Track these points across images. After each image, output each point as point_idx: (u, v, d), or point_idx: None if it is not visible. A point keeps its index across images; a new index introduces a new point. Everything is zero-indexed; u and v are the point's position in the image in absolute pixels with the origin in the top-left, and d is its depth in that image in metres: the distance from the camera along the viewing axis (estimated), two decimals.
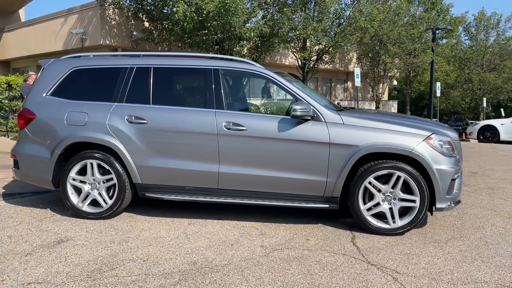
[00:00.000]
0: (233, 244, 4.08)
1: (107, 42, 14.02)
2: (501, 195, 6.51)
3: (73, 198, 4.80)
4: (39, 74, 5.16)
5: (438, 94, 24.02)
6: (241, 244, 4.09)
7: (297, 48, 16.85)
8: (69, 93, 4.92)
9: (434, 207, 4.41)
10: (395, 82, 32.01)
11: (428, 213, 4.56)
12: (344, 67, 25.69)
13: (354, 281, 3.31)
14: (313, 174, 4.46)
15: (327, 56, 17.60)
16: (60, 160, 4.79)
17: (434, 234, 4.50)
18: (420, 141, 4.34)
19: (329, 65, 19.74)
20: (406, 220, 4.38)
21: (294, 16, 12.35)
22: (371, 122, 4.50)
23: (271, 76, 4.75)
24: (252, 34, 11.40)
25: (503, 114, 27.20)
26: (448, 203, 4.40)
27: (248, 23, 11.44)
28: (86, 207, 4.79)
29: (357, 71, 16.30)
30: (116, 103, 4.76)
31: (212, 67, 4.77)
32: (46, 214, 5.00)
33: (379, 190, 4.40)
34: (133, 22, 14.54)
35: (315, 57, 17.20)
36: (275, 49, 14.09)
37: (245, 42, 11.57)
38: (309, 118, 4.43)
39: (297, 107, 4.35)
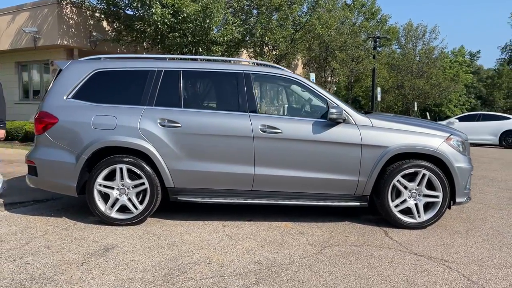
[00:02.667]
0: (282, 244, 4.19)
1: (65, 42, 13.29)
2: (479, 190, 7.18)
3: (100, 204, 4.62)
4: (56, 75, 4.89)
5: (379, 98, 25.56)
6: (289, 243, 4.21)
7: (255, 53, 17.12)
8: (93, 96, 4.73)
9: (452, 202, 4.82)
10: (334, 87, 33.46)
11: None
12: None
13: (415, 271, 3.57)
14: (345, 174, 4.69)
15: (284, 62, 18.08)
16: (85, 166, 4.59)
17: (452, 227, 4.92)
18: (442, 141, 4.74)
19: None
20: (430, 214, 4.75)
21: (266, 22, 12.55)
22: (396, 124, 4.83)
23: (300, 80, 4.94)
24: (225, 38, 11.47)
25: (428, 118, 29.57)
26: (466, 198, 4.84)
27: (221, 27, 11.47)
28: (114, 214, 4.64)
29: (312, 76, 16.97)
30: (145, 107, 4.67)
31: (243, 71, 4.84)
32: (66, 222, 4.76)
33: (405, 187, 4.74)
34: (91, 22, 13.95)
35: (272, 62, 17.61)
36: (239, 54, 14.23)
37: (218, 46, 11.60)
38: (341, 121, 4.67)
39: (334, 110, 4.57)
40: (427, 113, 34.20)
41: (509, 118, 20.79)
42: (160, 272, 3.43)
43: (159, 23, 10.47)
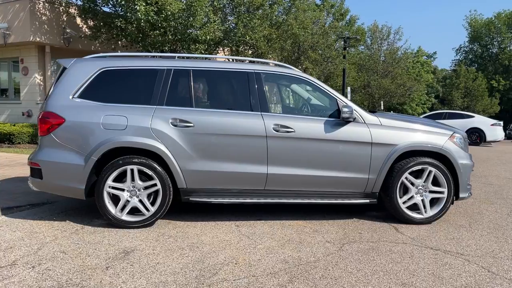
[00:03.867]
0: (301, 242, 4.22)
1: (37, 39, 12.75)
2: None
3: (111, 207, 4.49)
4: (59, 74, 4.71)
5: (349, 97, 26.08)
6: (308, 242, 4.24)
7: (231, 52, 17.07)
8: (100, 95, 4.59)
9: (455, 197, 5.00)
10: None
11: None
12: None
13: (437, 265, 3.69)
14: (356, 172, 4.78)
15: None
16: (95, 167, 4.45)
17: (455, 221, 5.11)
18: (446, 139, 4.92)
19: None
20: (436, 209, 4.91)
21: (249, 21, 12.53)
22: (403, 122, 4.97)
23: (311, 80, 4.98)
24: (208, 37, 11.35)
25: None
26: (468, 193, 5.04)
27: (202, 26, 11.33)
28: (125, 216, 4.52)
29: None
30: (156, 106, 4.57)
31: (254, 71, 4.84)
32: (73, 226, 4.59)
33: (412, 184, 4.88)
34: (65, 18, 13.47)
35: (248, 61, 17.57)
36: (218, 53, 14.13)
37: (199, 45, 11.46)
38: (352, 120, 4.75)
39: (346, 109, 4.64)
40: (391, 111, 35.21)
41: (473, 117, 21.83)
42: (191, 274, 3.38)
43: (142, 21, 10.24)
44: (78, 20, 13.66)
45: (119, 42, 12.60)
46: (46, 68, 13.74)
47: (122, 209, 4.51)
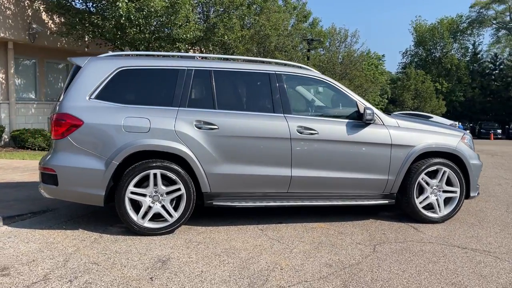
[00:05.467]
0: (333, 245, 4.21)
1: (1, 34, 11.94)
2: None
3: (132, 214, 4.27)
4: (72, 73, 4.41)
5: None
6: (339, 244, 4.24)
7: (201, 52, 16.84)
8: (119, 97, 4.35)
9: (466, 196, 5.18)
10: None
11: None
12: None
13: (473, 263, 3.79)
14: (376, 173, 4.84)
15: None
16: (115, 172, 4.22)
17: (463, 219, 5.29)
18: (458, 140, 5.09)
19: None
20: (449, 208, 5.07)
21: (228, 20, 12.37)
22: (418, 124, 5.09)
23: (330, 82, 4.99)
24: (188, 36, 11.09)
25: None
26: (477, 192, 5.25)
27: (182, 25, 11.06)
28: (147, 223, 4.31)
29: None
30: (179, 108, 4.40)
31: (275, 72, 4.77)
32: (89, 235, 4.33)
33: (428, 184, 5.01)
34: (30, 13, 12.69)
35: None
36: (194, 51, 13.86)
37: (180, 43, 11.17)
38: (372, 122, 4.80)
39: (369, 111, 4.69)
40: None
41: (431, 117, 22.85)
42: (243, 282, 3.28)
43: (123, 18, 9.84)
44: (45, 15, 12.92)
45: (94, 39, 12.03)
46: (9, 65, 12.89)
47: (144, 215, 4.30)
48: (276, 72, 4.77)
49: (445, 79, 52.36)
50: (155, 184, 4.31)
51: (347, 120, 4.82)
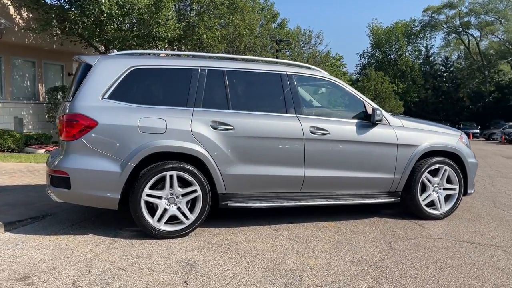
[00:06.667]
0: (351, 243, 4.29)
1: None
2: None
3: (148, 217, 4.17)
4: (83, 72, 4.24)
5: None
6: (356, 242, 4.32)
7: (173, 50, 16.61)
8: (133, 96, 4.24)
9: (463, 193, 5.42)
10: None
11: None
12: None
13: (486, 257, 3.97)
14: (384, 172, 4.96)
15: None
16: (131, 174, 4.10)
17: (462, 215, 5.52)
18: (457, 140, 5.31)
19: None
20: (449, 205, 5.28)
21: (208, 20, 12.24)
22: (421, 124, 5.27)
23: (339, 83, 5.07)
24: (169, 34, 10.87)
25: None
26: (473, 189, 5.49)
27: (162, 23, 10.82)
28: (163, 226, 4.22)
29: None
30: (194, 108, 4.34)
31: (286, 73, 4.80)
32: (102, 239, 4.18)
33: (430, 182, 5.19)
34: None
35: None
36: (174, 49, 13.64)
37: (161, 42, 10.93)
38: (380, 122, 4.92)
39: (378, 112, 4.81)
40: None
41: None
42: (279, 283, 3.28)
43: (104, 14, 9.52)
44: (13, 10, 12.30)
45: (69, 36, 11.55)
46: None
47: (160, 218, 4.21)
48: (288, 73, 4.80)
49: (400, 80, 54.29)
50: (171, 186, 4.22)
51: (356, 121, 4.92)
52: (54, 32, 11.42)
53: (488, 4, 50.34)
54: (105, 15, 9.58)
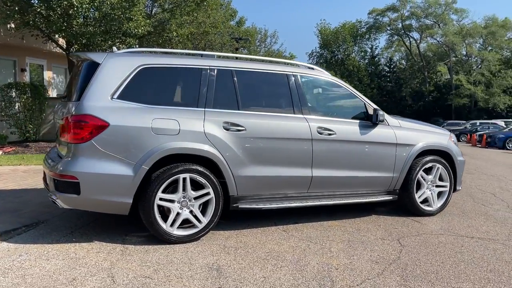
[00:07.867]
0: (362, 242, 4.37)
1: None
2: None
3: (161, 222, 4.02)
4: (88, 70, 4.00)
5: None
6: (365, 241, 4.41)
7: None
8: (143, 96, 4.07)
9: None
10: None
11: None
12: None
13: (489, 251, 4.20)
14: (384, 171, 5.10)
15: None
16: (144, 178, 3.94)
17: (450, 211, 5.78)
18: (447, 139, 5.56)
19: None
20: (441, 202, 5.52)
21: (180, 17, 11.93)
22: (415, 125, 5.47)
23: (341, 83, 5.14)
24: (140, 31, 10.48)
25: None
26: (461, 186, 5.78)
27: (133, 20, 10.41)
28: (176, 231, 4.10)
29: None
30: (205, 109, 4.24)
31: (292, 73, 4.80)
32: (111, 246, 3.99)
33: (424, 180, 5.40)
34: None
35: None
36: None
37: (131, 39, 10.51)
38: (380, 122, 5.05)
39: (381, 112, 4.93)
40: None
41: None
42: (313, 285, 3.28)
43: (74, 8, 9.02)
44: None
45: (32, 30, 10.83)
46: None
47: (173, 222, 4.08)
48: (294, 73, 4.80)
49: (347, 79, 56.07)
50: (184, 189, 4.10)
51: (358, 121, 5.02)
52: (14, 25, 10.69)
53: (428, 8, 53.10)
54: (75, 8, 9.09)
